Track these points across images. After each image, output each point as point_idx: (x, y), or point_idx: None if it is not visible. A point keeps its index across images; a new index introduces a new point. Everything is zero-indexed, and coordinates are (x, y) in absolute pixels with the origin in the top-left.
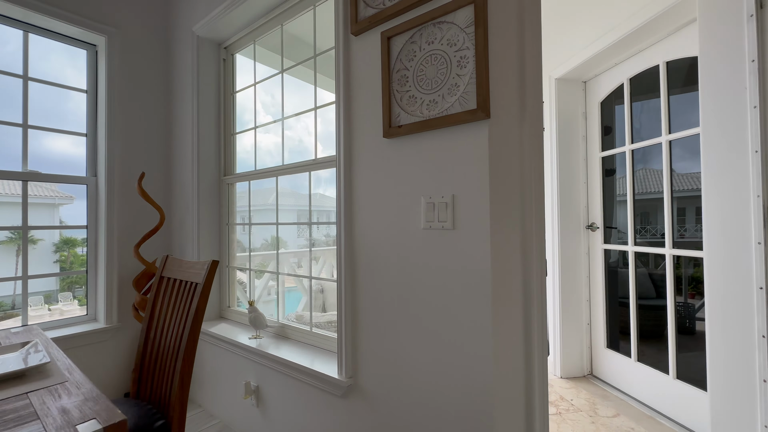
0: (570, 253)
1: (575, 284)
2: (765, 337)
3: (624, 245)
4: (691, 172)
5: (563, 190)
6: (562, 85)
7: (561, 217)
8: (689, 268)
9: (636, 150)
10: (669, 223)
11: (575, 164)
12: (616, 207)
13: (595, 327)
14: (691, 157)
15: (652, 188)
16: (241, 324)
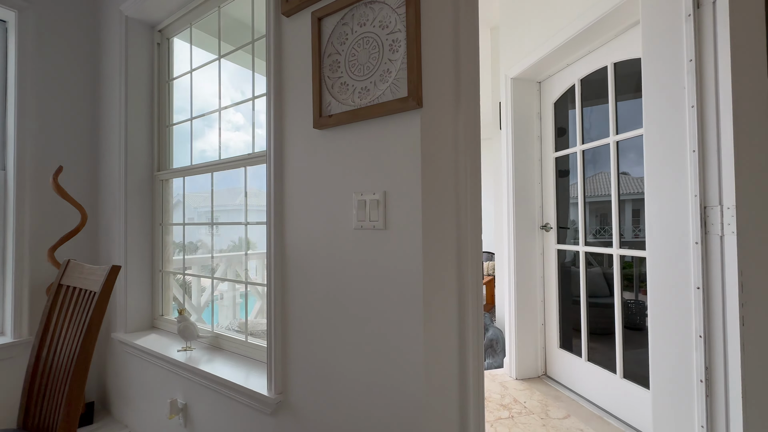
0: (525, 254)
1: (530, 285)
2: (702, 337)
3: (576, 245)
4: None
5: (519, 190)
6: (518, 84)
7: (516, 217)
8: (643, 266)
9: (587, 151)
10: (616, 223)
11: (530, 164)
12: (570, 207)
13: (549, 327)
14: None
15: (610, 191)
16: (175, 335)
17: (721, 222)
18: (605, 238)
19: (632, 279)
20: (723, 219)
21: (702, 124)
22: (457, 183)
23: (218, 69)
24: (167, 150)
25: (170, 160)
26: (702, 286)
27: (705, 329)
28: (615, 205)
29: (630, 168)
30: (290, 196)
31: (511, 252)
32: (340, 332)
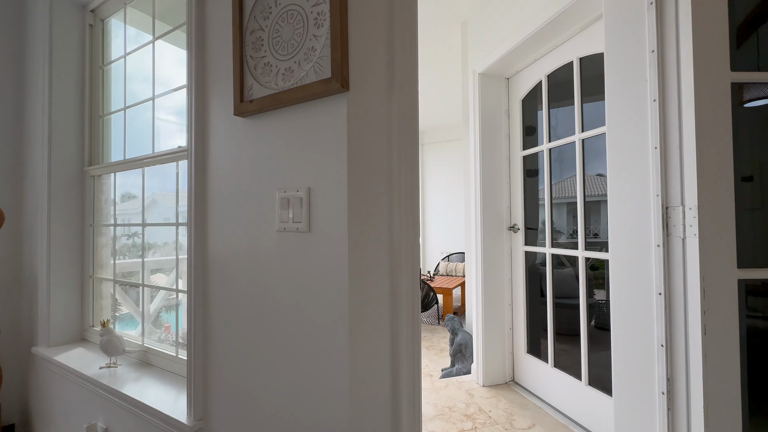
0: (493, 255)
1: (498, 287)
2: (664, 346)
3: (543, 247)
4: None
5: (486, 190)
6: (485, 80)
7: (484, 217)
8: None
9: (554, 149)
10: (582, 224)
11: (498, 163)
12: (540, 208)
13: (516, 331)
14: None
15: (588, 191)
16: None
17: (683, 223)
18: (576, 238)
19: (606, 279)
20: (685, 220)
21: (664, 119)
22: (391, 179)
23: (152, 52)
24: (100, 143)
25: (104, 155)
26: (664, 292)
27: (667, 338)
28: (581, 205)
29: (603, 169)
30: (213, 193)
31: (479, 253)
32: (262, 350)
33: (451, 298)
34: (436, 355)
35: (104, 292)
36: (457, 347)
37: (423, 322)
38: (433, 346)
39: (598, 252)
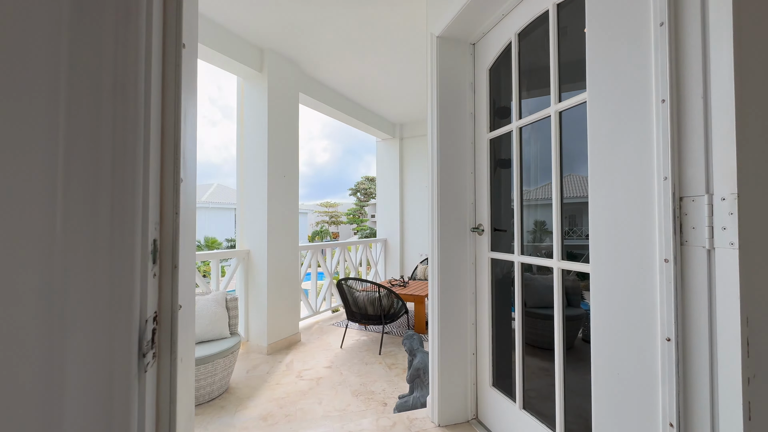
0: (451, 263)
1: (458, 303)
2: (673, 426)
3: (511, 254)
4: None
5: (445, 182)
6: (446, 46)
7: (441, 215)
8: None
9: (526, 128)
10: (557, 227)
11: (461, 149)
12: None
13: (480, 358)
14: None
15: (577, 192)
16: None
17: (710, 224)
18: (573, 239)
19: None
20: (713, 219)
21: (676, 53)
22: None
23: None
24: None
25: None
26: (675, 338)
27: (679, 417)
28: (556, 200)
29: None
30: None
31: (435, 261)
32: None
33: (423, 306)
34: (398, 375)
35: None
36: (414, 371)
37: (387, 333)
38: (398, 364)
39: (579, 263)
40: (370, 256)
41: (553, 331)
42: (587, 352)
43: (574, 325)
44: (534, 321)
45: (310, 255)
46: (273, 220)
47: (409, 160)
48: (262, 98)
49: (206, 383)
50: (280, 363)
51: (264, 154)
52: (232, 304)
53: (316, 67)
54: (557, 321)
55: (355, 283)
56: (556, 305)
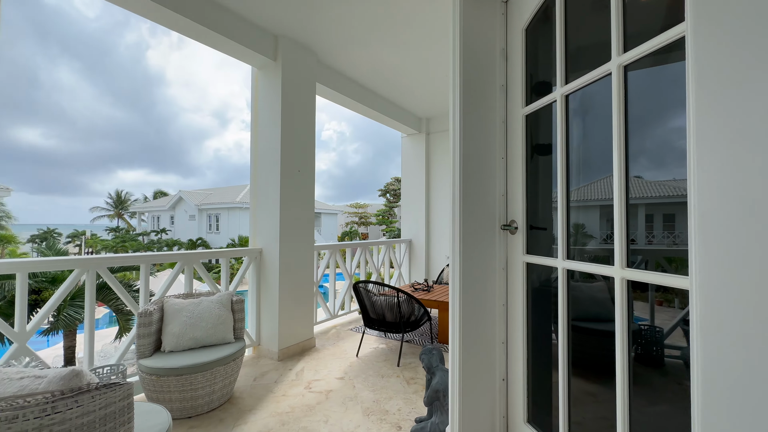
0: (477, 268)
1: (485, 317)
2: None
3: (553, 258)
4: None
5: (468, 171)
6: (472, 3)
7: (464, 210)
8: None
9: (574, 96)
10: (621, 226)
11: (489, 129)
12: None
13: (512, 385)
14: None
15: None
16: None
17: None
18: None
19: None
20: None
21: None
22: None
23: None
24: None
25: None
26: None
27: None
28: (620, 191)
29: (650, 160)
30: None
31: (456, 265)
32: None
33: (448, 313)
34: (417, 392)
35: None
36: (433, 393)
37: (408, 342)
38: (418, 378)
39: (658, 273)
40: (393, 258)
41: (605, 351)
42: (648, 377)
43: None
44: (578, 339)
45: (329, 255)
46: (286, 216)
47: (436, 157)
48: (276, 88)
49: (204, 392)
50: (290, 371)
51: (277, 146)
52: (238, 306)
53: (334, 55)
54: (621, 344)
55: (373, 287)
56: (620, 326)
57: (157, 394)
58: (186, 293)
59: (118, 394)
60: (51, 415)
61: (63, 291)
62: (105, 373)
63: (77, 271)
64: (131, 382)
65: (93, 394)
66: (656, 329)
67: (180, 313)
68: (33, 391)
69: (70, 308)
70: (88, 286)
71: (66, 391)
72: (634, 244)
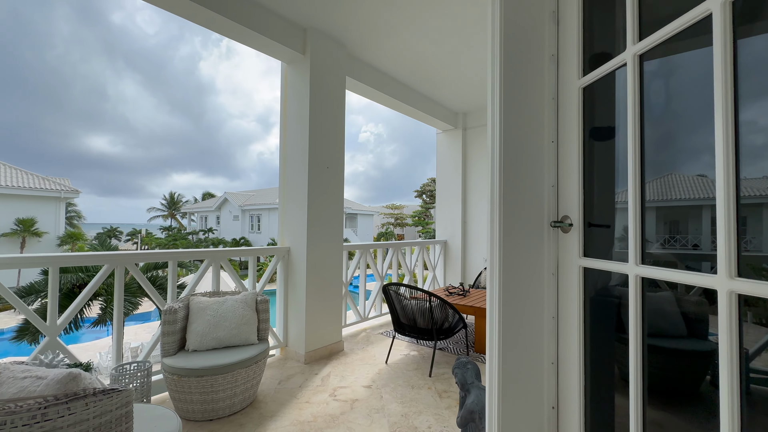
0: (520, 272)
1: (529, 331)
2: None
3: (621, 262)
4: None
5: (512, 156)
6: None
7: (505, 204)
8: None
9: (645, 54)
10: (728, 222)
11: (535, 107)
12: (615, 190)
13: (565, 416)
14: None
15: (680, 193)
16: None
17: None
18: (676, 248)
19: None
20: None
21: None
22: None
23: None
24: None
25: None
26: None
27: None
28: (725, 174)
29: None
30: None
31: (495, 268)
32: None
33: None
34: (450, 408)
35: None
36: (467, 414)
37: (441, 349)
38: (451, 391)
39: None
40: (427, 259)
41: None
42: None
43: (699, 364)
44: (621, 350)
45: (359, 255)
46: (314, 214)
47: (474, 153)
48: (304, 83)
49: (225, 395)
50: (316, 376)
51: (305, 142)
52: (262, 306)
53: (364, 46)
54: (727, 373)
55: (404, 290)
56: (727, 352)
57: (178, 395)
58: (212, 291)
59: (114, 401)
60: (40, 423)
61: (92, 286)
62: (132, 369)
63: (106, 267)
64: (130, 389)
65: (87, 401)
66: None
67: (204, 312)
68: (30, 394)
69: None
70: (117, 281)
71: (60, 397)
72: (696, 248)
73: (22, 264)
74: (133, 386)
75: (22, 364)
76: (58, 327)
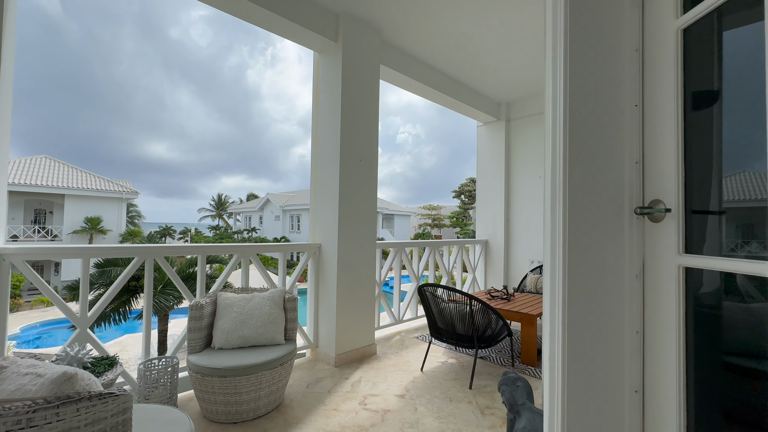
0: (590, 275)
1: (605, 350)
2: None
3: (756, 261)
4: None
5: (578, 127)
6: None
7: (570, 188)
8: None
9: None
10: None
11: (611, 64)
12: (725, 165)
13: None
14: None
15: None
16: None
17: None
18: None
19: None
20: None
21: None
22: None
23: None
24: None
25: None
26: None
27: None
28: None
29: None
30: None
31: (557, 267)
32: None
33: (534, 329)
34: (494, 427)
35: None
36: None
37: (482, 358)
38: (495, 408)
39: None
40: (466, 260)
41: None
42: None
43: None
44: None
45: (393, 254)
46: (346, 209)
47: (518, 147)
48: (336, 71)
49: (249, 398)
50: (346, 380)
51: (336, 134)
52: (290, 304)
53: (400, 31)
54: None
55: (442, 292)
56: None
57: (203, 394)
58: (241, 287)
59: (110, 407)
60: (25, 429)
61: (122, 279)
62: (161, 365)
63: (136, 259)
64: (129, 393)
65: (79, 407)
66: None
67: (231, 309)
68: (26, 393)
69: (161, 295)
70: (147, 274)
71: (51, 399)
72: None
73: (55, 255)
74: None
75: (33, 357)
76: (89, 319)
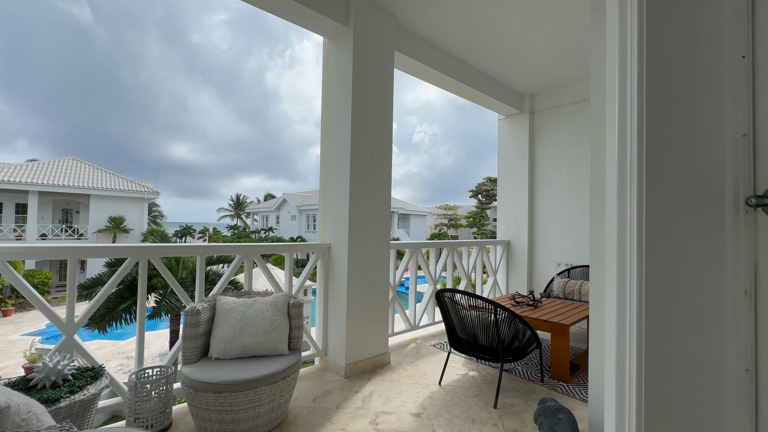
0: (676, 289)
1: (697, 391)
2: None
3: None
4: None
5: (656, 89)
6: None
7: (648, 172)
8: None
9: None
10: None
11: (702, 4)
12: None
13: None
14: None
15: None
16: None
17: None
18: None
19: None
20: None
21: None
22: None
23: None
24: None
25: None
26: None
27: None
28: None
29: None
30: None
31: (627, 278)
32: None
33: (567, 340)
34: None
35: None
36: None
37: (507, 372)
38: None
39: None
40: (487, 262)
41: None
42: None
43: None
44: None
45: (409, 255)
46: (356, 206)
47: (543, 141)
48: (347, 58)
49: (247, 416)
50: (356, 394)
51: (347, 125)
52: (295, 310)
53: (416, 15)
54: None
55: (462, 298)
56: None
57: (196, 410)
58: (242, 291)
59: None
60: None
61: (113, 282)
62: (154, 375)
63: (129, 259)
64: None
65: None
66: None
67: (230, 315)
68: None
69: (171, 296)
70: (141, 275)
71: None
72: None
73: (42, 254)
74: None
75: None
76: (76, 325)
